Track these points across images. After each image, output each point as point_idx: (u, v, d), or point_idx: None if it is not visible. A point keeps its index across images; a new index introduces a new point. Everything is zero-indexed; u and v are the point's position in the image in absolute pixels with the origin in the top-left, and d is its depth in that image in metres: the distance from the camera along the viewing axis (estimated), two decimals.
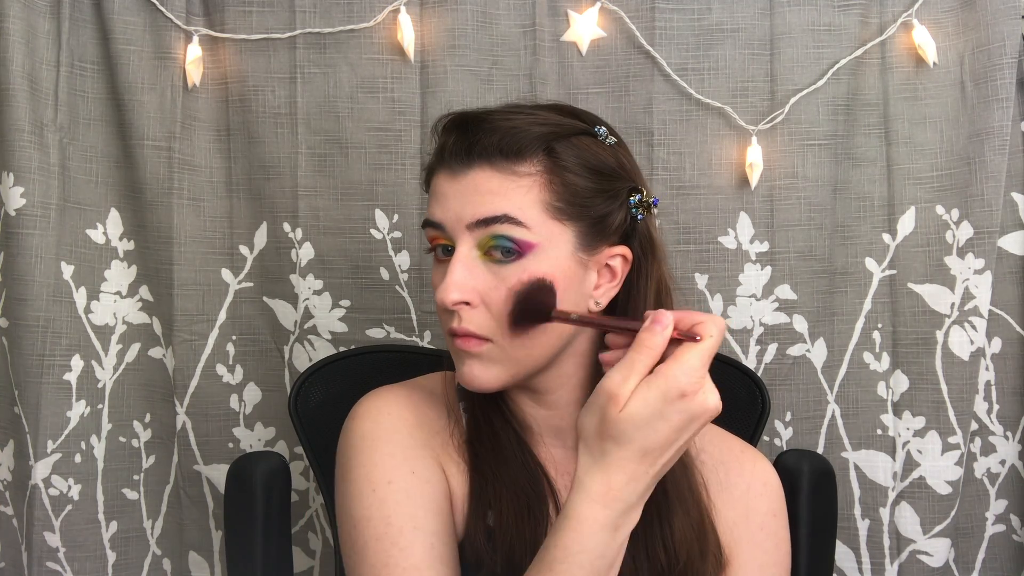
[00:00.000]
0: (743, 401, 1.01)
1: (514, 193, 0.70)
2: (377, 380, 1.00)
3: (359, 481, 0.73)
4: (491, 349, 0.72)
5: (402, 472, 0.73)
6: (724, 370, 1.03)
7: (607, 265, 0.75)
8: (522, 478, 0.75)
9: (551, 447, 0.80)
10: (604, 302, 0.75)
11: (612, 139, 0.76)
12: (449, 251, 0.73)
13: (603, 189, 0.74)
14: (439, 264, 0.75)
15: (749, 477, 0.83)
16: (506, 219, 0.69)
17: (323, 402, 0.99)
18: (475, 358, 0.72)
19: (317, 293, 1.24)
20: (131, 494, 1.27)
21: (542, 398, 0.79)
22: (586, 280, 0.74)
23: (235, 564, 0.92)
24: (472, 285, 0.70)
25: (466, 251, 0.71)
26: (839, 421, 1.25)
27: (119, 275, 1.26)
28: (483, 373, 0.73)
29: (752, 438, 1.00)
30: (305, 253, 1.23)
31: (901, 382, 1.24)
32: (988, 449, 1.26)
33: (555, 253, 0.71)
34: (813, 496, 0.94)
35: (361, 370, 1.01)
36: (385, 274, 1.23)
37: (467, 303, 0.71)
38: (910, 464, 1.23)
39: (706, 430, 0.84)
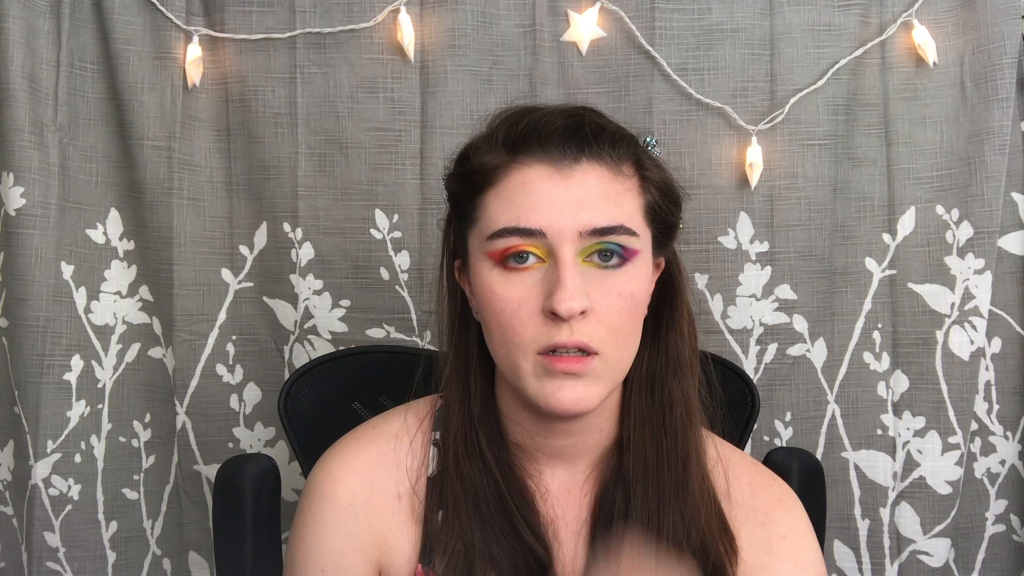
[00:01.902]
0: (733, 400, 1.01)
1: (623, 197, 0.67)
2: (368, 381, 1.00)
3: (288, 552, 0.76)
4: (598, 364, 0.65)
5: (313, 570, 0.72)
6: (713, 369, 1.02)
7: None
8: (491, 529, 0.70)
9: (543, 466, 0.75)
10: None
11: (658, 150, 0.75)
12: (523, 258, 0.65)
13: (674, 200, 0.73)
14: (510, 273, 0.66)
15: (773, 528, 0.75)
16: (623, 229, 0.66)
17: (314, 403, 0.98)
18: (578, 378, 0.65)
19: (317, 293, 1.24)
20: (131, 494, 1.27)
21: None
22: None
23: (224, 567, 0.92)
24: (585, 292, 0.64)
25: (571, 256, 0.64)
26: (839, 421, 1.25)
27: (119, 275, 1.26)
28: (588, 394, 0.65)
29: (742, 436, 1.00)
30: (305, 253, 1.23)
31: (901, 382, 1.24)
32: (988, 449, 1.26)
33: (647, 258, 0.70)
34: (803, 494, 0.93)
35: (351, 371, 1.01)
36: (385, 274, 1.23)
37: (583, 312, 0.64)
38: (910, 464, 1.23)
39: (746, 467, 0.79)
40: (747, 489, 0.76)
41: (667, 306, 0.75)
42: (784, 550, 0.74)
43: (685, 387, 0.74)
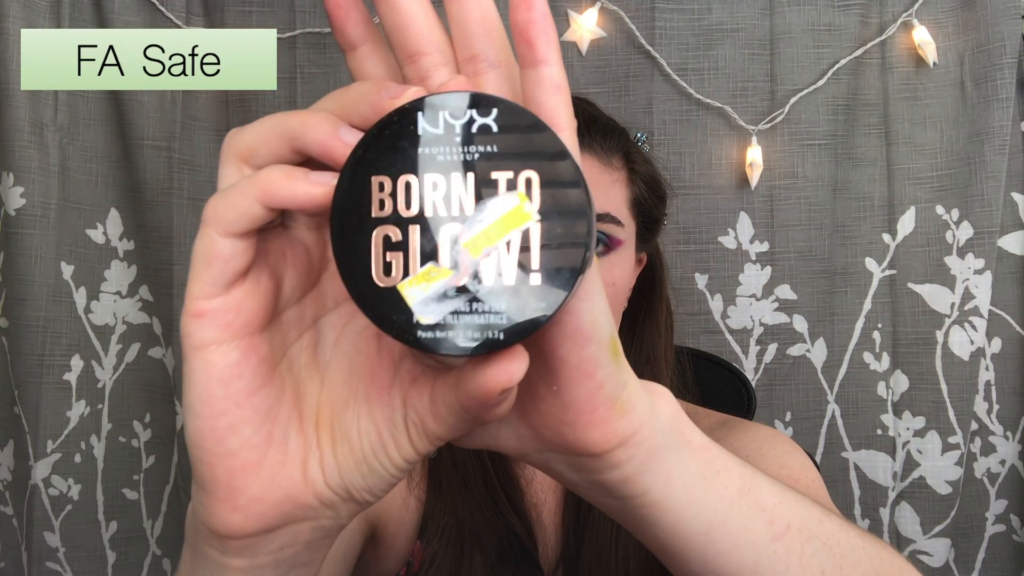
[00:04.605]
0: (729, 398, 1.01)
1: (612, 188, 0.69)
2: None
3: None
4: None
5: None
6: (710, 368, 1.03)
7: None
8: (478, 508, 0.71)
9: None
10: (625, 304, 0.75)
11: (647, 147, 0.77)
12: None
13: (660, 195, 0.75)
14: None
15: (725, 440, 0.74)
16: (609, 218, 0.68)
17: None
18: None
19: None
20: (131, 494, 1.27)
21: None
22: None
23: None
24: None
25: None
26: (839, 421, 1.25)
27: (119, 275, 1.26)
28: None
29: None
30: None
31: (901, 382, 1.24)
32: (988, 449, 1.26)
33: (630, 251, 0.71)
34: None
35: None
36: None
37: None
38: (910, 464, 1.23)
39: (712, 416, 0.80)
40: (709, 430, 0.76)
41: (646, 299, 0.77)
42: (734, 434, 0.74)
43: (657, 375, 0.75)
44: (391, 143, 0.28)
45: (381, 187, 0.28)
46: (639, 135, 0.77)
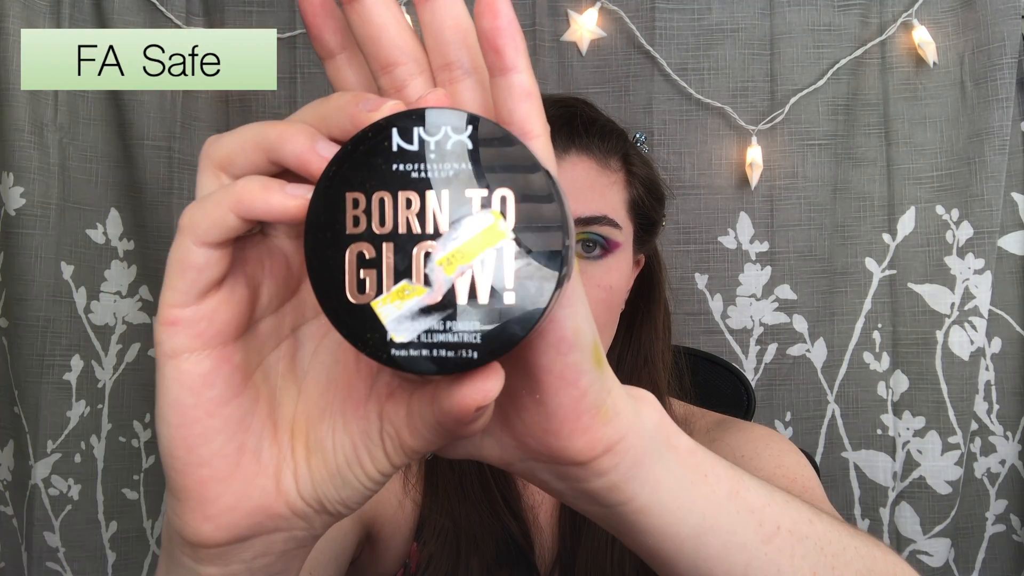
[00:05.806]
0: (728, 398, 1.01)
1: (609, 190, 0.69)
2: None
3: None
4: None
5: None
6: (709, 368, 1.03)
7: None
8: (475, 510, 0.71)
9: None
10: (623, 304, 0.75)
11: (646, 148, 0.77)
12: None
13: (658, 197, 0.75)
14: None
15: (722, 440, 0.74)
16: (606, 220, 0.67)
17: None
18: None
19: None
20: (131, 494, 1.27)
21: None
22: None
23: None
24: None
25: None
26: (839, 421, 1.25)
27: (119, 275, 1.26)
28: None
29: None
30: None
31: (901, 382, 1.24)
32: (988, 449, 1.26)
33: (627, 253, 0.71)
34: None
35: None
36: None
37: None
38: (910, 464, 1.23)
39: (710, 416, 0.80)
40: (705, 430, 0.77)
41: (644, 300, 0.77)
42: (730, 433, 0.74)
43: (655, 377, 0.75)
44: (365, 159, 0.28)
45: (355, 203, 0.28)
46: (638, 136, 0.77)
